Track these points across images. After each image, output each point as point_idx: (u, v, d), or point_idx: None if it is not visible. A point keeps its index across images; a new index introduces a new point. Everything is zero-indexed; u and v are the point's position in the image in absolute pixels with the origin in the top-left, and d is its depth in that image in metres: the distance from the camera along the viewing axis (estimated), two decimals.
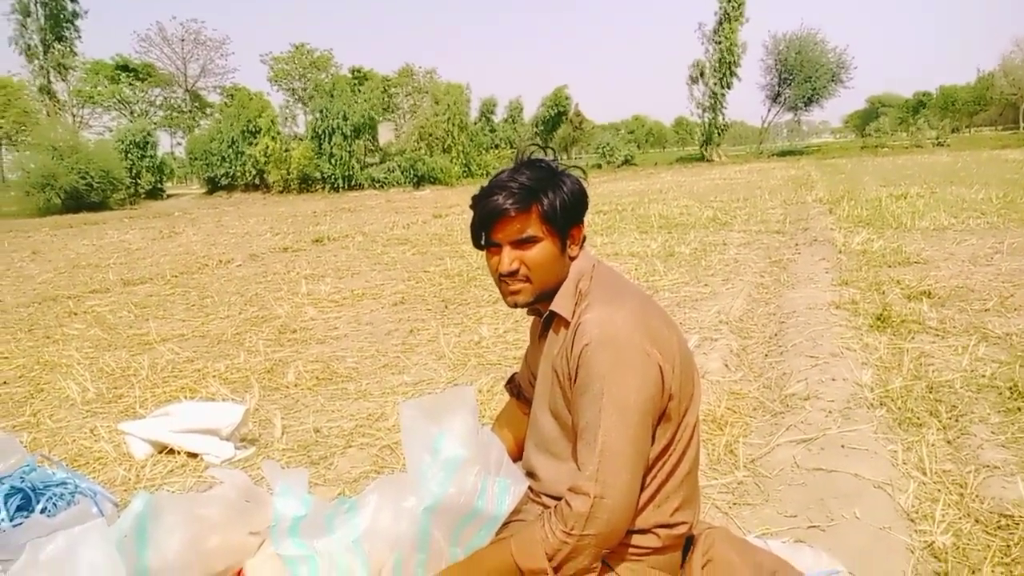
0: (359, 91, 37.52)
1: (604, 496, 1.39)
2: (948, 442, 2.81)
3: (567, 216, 1.56)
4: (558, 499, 1.56)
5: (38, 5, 38.02)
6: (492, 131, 43.08)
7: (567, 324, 1.57)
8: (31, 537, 1.48)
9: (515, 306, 1.62)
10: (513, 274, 1.56)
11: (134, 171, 33.06)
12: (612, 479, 1.40)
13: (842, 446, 2.78)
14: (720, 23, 42.48)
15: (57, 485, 2.20)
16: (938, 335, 4.19)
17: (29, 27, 38.02)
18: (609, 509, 1.39)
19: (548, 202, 1.52)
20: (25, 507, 2.07)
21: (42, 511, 2.07)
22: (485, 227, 1.56)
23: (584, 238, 1.65)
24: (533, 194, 1.52)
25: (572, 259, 1.62)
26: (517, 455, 1.88)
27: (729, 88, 43.96)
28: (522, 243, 1.54)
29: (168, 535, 1.59)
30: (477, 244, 1.61)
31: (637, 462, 1.45)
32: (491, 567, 1.48)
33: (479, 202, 1.56)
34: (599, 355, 1.44)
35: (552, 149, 1.69)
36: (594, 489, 1.39)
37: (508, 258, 1.55)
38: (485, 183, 1.60)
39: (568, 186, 1.56)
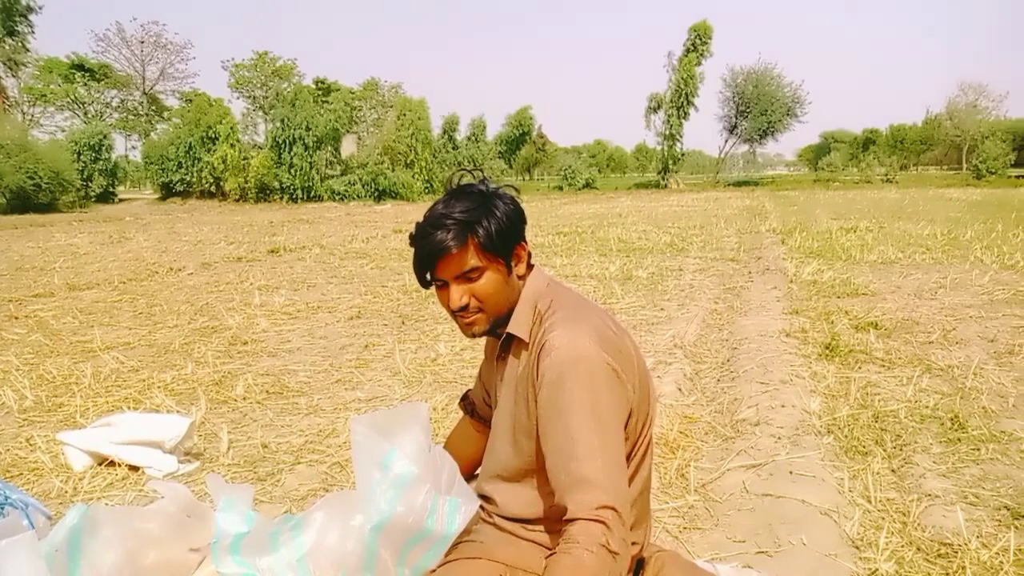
0: (324, 102, 37.24)
1: (620, 510, 1.33)
2: (892, 471, 2.88)
3: (505, 240, 1.54)
4: (515, 520, 1.54)
5: None
6: (455, 148, 43.15)
7: (527, 346, 1.56)
8: None
9: (473, 336, 1.60)
10: (464, 308, 1.55)
11: (86, 173, 32.21)
12: (620, 494, 1.35)
13: (790, 472, 2.82)
14: (686, 52, 43.27)
15: None
16: (884, 366, 4.30)
17: None
18: (622, 522, 1.33)
19: (484, 232, 1.51)
20: None
21: None
22: (427, 266, 1.55)
23: (529, 254, 1.64)
24: (467, 227, 1.50)
25: (520, 277, 1.61)
26: (469, 473, 1.86)
27: (686, 118, 44.79)
28: (466, 276, 1.53)
29: (103, 550, 1.53)
30: (423, 283, 1.59)
31: (625, 474, 1.43)
32: None
33: (417, 242, 1.54)
34: (569, 374, 1.42)
35: (480, 170, 1.66)
36: (609, 502, 1.32)
37: (457, 294, 1.54)
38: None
39: (502, 209, 1.54)
